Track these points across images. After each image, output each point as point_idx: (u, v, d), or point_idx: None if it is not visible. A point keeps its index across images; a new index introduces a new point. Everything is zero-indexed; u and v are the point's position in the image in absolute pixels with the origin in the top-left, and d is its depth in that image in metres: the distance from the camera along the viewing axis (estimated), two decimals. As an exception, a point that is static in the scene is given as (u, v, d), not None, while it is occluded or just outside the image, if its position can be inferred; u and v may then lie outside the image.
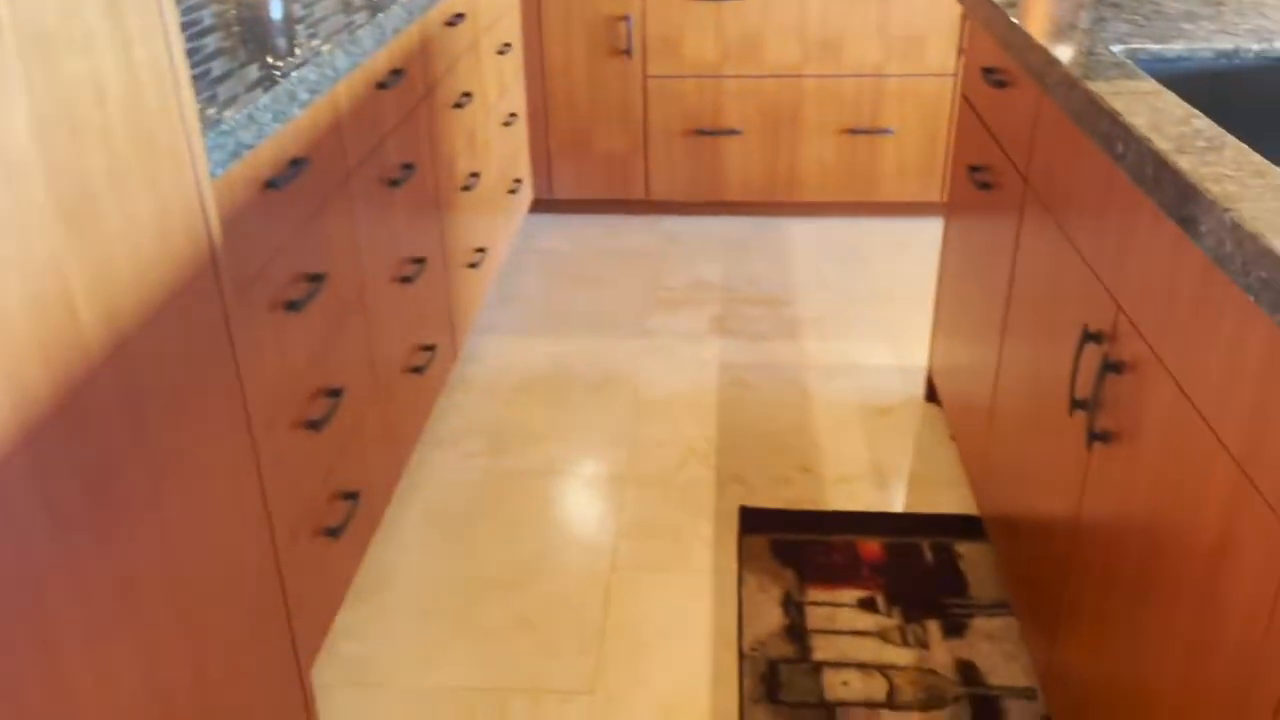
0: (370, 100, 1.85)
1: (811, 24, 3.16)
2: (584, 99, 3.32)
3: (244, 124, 1.31)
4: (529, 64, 3.28)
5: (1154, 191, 1.11)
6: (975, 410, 1.97)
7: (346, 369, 1.76)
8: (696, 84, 3.28)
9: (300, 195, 1.55)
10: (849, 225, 3.43)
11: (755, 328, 2.82)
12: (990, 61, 1.91)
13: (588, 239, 3.39)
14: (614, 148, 3.39)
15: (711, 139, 3.35)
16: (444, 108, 2.35)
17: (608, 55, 3.26)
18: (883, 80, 3.22)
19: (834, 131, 3.31)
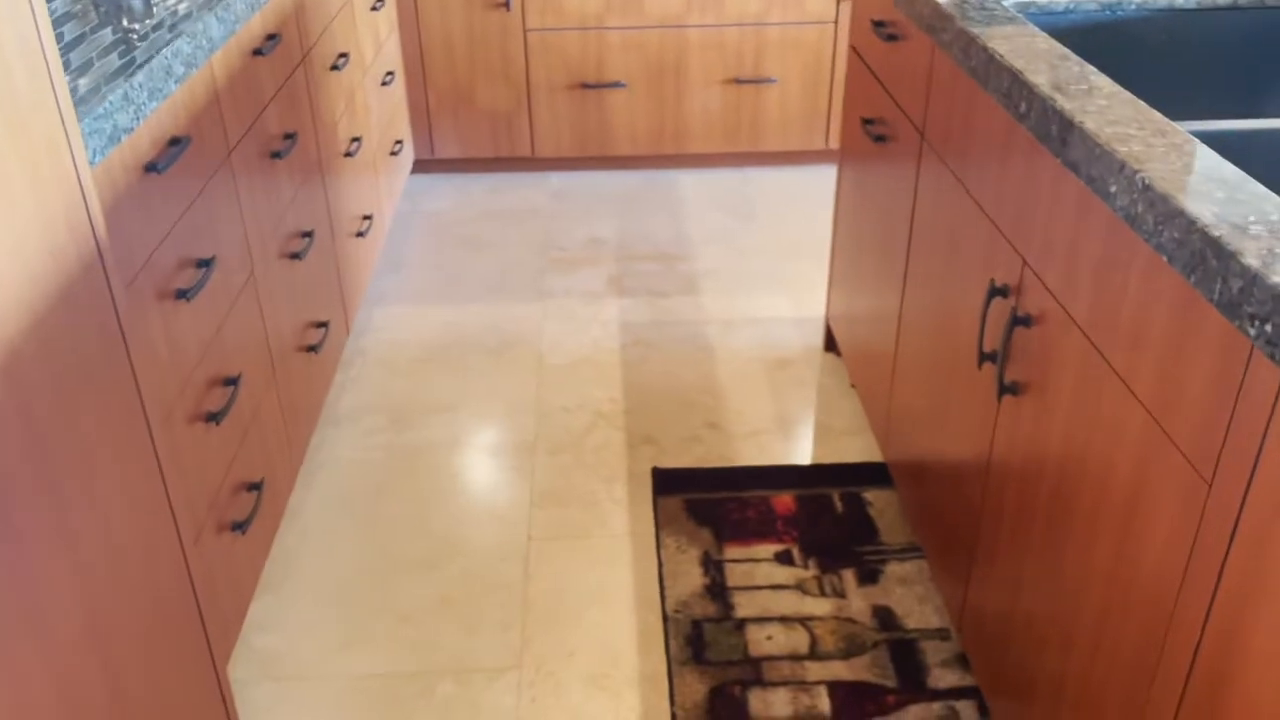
0: (247, 69, 1.75)
1: (692, -27, 3.13)
2: (463, 55, 3.22)
3: (120, 106, 1.22)
4: (403, 19, 3.16)
5: (1059, 151, 1.14)
6: (876, 359, 2.02)
7: (241, 355, 1.68)
8: (579, 36, 3.21)
9: (182, 177, 1.45)
10: (737, 176, 3.44)
11: (653, 285, 2.81)
12: (879, 15, 1.93)
13: (474, 199, 3.31)
14: (496, 104, 3.30)
15: (596, 93, 3.30)
16: (322, 71, 2.24)
17: (485, 8, 3.16)
18: (764, 29, 3.22)
19: (718, 82, 3.30)
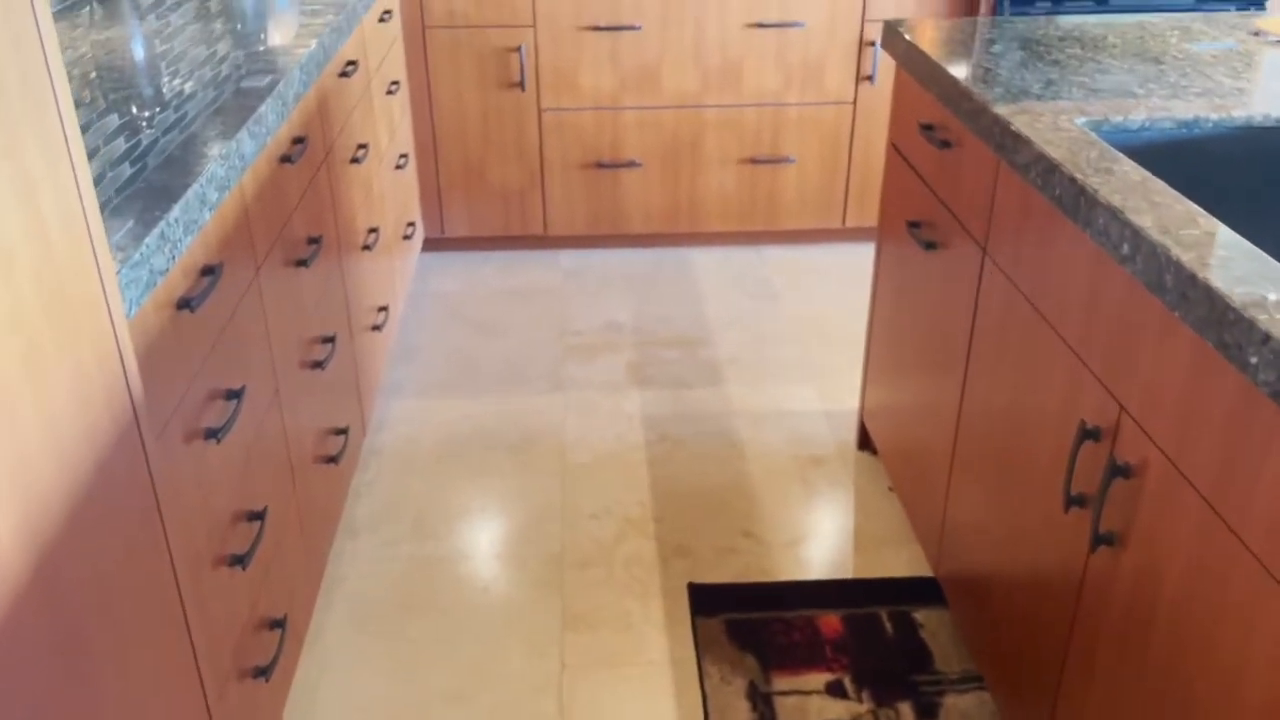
0: (275, 179, 1.66)
1: (709, 53, 3.08)
2: (476, 134, 3.15)
3: (156, 247, 1.12)
4: (416, 100, 3.09)
5: (1177, 305, 1.06)
6: (925, 465, 1.93)
7: (266, 484, 1.57)
8: (594, 116, 3.15)
9: (214, 308, 1.36)
10: (754, 254, 3.38)
11: (674, 373, 2.72)
12: (928, 117, 1.86)
13: (486, 279, 3.22)
14: (509, 183, 3.23)
15: (611, 172, 3.23)
16: (342, 165, 2.15)
17: (499, 88, 3.09)
18: (782, 109, 3.17)
19: (735, 161, 3.24)
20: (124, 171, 1.29)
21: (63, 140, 0.89)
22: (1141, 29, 1.97)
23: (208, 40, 1.92)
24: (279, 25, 2.04)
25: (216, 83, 1.66)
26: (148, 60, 1.79)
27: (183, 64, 1.76)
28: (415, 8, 2.97)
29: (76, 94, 1.65)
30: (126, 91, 1.61)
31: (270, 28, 2.02)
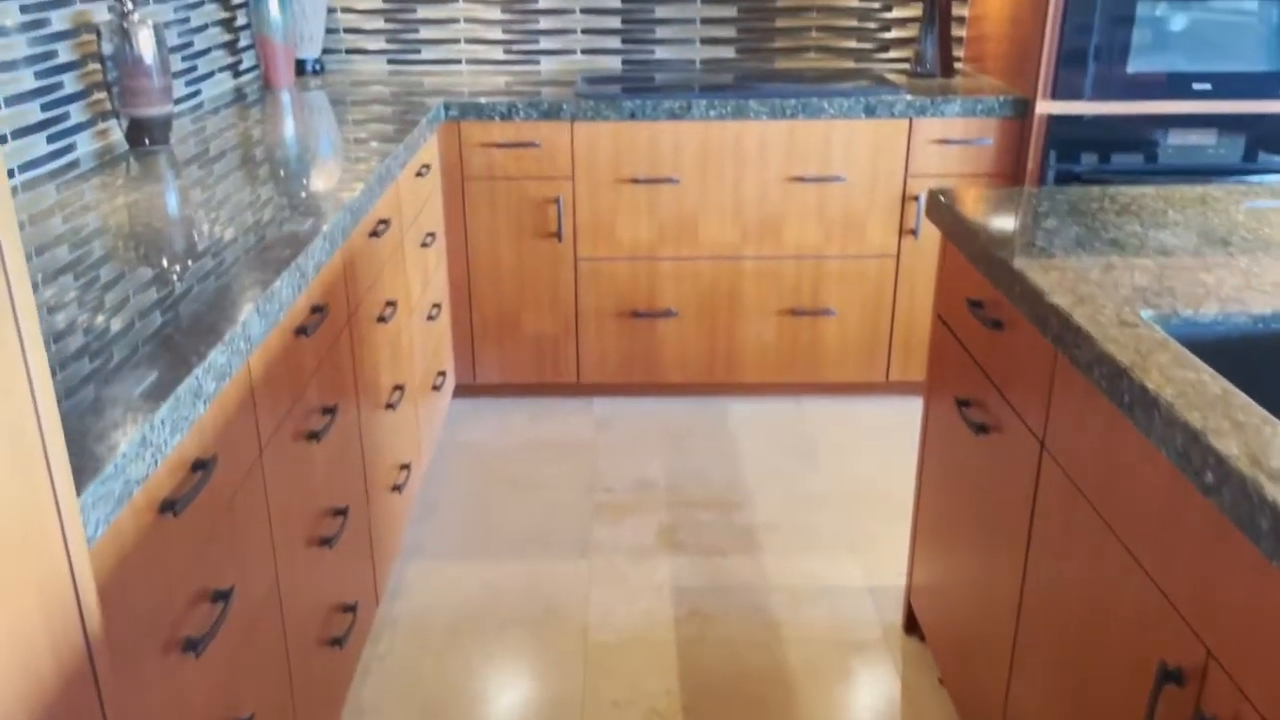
0: (288, 352, 1.59)
1: (748, 206, 3.04)
2: (511, 283, 3.11)
3: (136, 454, 1.03)
4: (452, 249, 3.07)
5: (1274, 553, 0.93)
6: (979, 660, 1.76)
7: (257, 689, 1.45)
8: (630, 265, 3.10)
9: (204, 506, 1.26)
10: (793, 406, 3.26)
11: (708, 539, 2.58)
12: (977, 294, 1.76)
13: (516, 428, 3.13)
14: (543, 331, 3.17)
15: (646, 320, 3.16)
16: (368, 325, 2.09)
17: (536, 238, 3.06)
18: (823, 261, 3.10)
19: (774, 312, 3.16)
20: (112, 349, 1.22)
21: (19, 354, 0.81)
22: (1203, 202, 1.87)
23: (235, 199, 1.89)
24: (316, 177, 2.02)
25: (231, 250, 1.61)
26: (170, 217, 1.75)
27: (205, 224, 1.72)
28: (455, 161, 2.97)
29: (106, 247, 1.61)
30: (136, 250, 1.56)
31: (307, 181, 1.99)
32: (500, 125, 2.94)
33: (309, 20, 3.25)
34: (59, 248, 1.66)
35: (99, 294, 1.43)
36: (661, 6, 3.40)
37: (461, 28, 3.42)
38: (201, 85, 2.87)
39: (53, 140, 2.13)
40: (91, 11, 2.28)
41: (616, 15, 3.41)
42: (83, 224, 1.76)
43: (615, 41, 3.44)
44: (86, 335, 1.28)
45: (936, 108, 2.92)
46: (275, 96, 2.99)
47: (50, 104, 2.12)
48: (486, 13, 3.40)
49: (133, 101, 2.24)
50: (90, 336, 1.28)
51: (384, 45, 3.44)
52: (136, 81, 2.22)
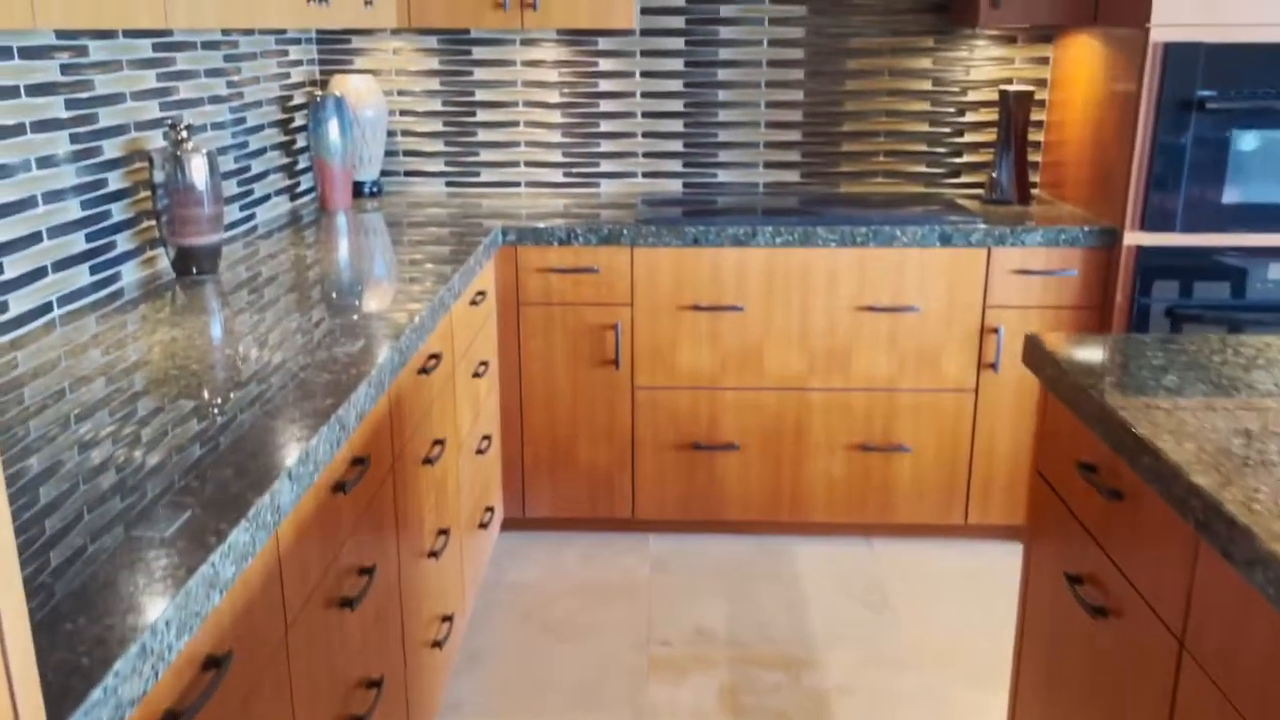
0: (323, 513, 1.44)
1: (816, 335, 2.89)
2: (565, 412, 2.97)
3: (131, 670, 0.88)
4: (505, 377, 2.94)
5: None
6: None
7: None
8: (690, 396, 2.95)
9: (213, 714, 1.10)
10: (864, 548, 3.04)
11: (775, 703, 2.35)
12: (1089, 456, 1.57)
13: (566, 567, 2.94)
14: (597, 463, 3.01)
15: (707, 454, 2.99)
16: (413, 469, 1.95)
17: (592, 366, 2.93)
18: (896, 394, 2.92)
19: (843, 447, 2.97)
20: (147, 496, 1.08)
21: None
22: (1339, 353, 1.68)
23: (279, 331, 1.78)
24: (365, 309, 1.90)
25: (269, 389, 1.49)
26: (209, 351, 1.64)
27: (244, 360, 1.61)
28: (511, 287, 2.87)
29: (146, 379, 1.49)
30: (169, 390, 1.44)
31: (355, 313, 1.88)
32: (559, 250, 2.85)
33: (369, 144, 3.22)
34: (96, 381, 1.56)
35: (120, 446, 1.30)
36: (724, 131, 3.33)
37: (522, 150, 3.37)
38: (256, 209, 2.82)
39: (96, 271, 2.06)
40: (146, 139, 2.24)
41: (678, 139, 3.34)
42: (121, 357, 1.65)
43: (677, 165, 3.37)
44: (88, 491, 1.15)
45: (1017, 237, 2.77)
46: (331, 219, 2.93)
47: (96, 234, 2.06)
48: (547, 135, 3.35)
49: (182, 230, 2.17)
50: (113, 488, 1.15)
51: (443, 167, 3.40)
52: (187, 210, 2.15)
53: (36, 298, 1.87)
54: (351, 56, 3.32)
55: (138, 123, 2.20)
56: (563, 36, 3.27)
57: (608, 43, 3.27)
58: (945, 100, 3.28)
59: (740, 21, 3.23)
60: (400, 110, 3.36)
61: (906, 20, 3.22)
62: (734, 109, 3.31)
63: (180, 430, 1.38)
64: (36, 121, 1.86)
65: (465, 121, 3.36)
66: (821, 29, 3.23)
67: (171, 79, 2.35)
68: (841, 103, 3.29)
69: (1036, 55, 3.23)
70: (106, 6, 1.46)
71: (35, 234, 1.86)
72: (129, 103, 2.17)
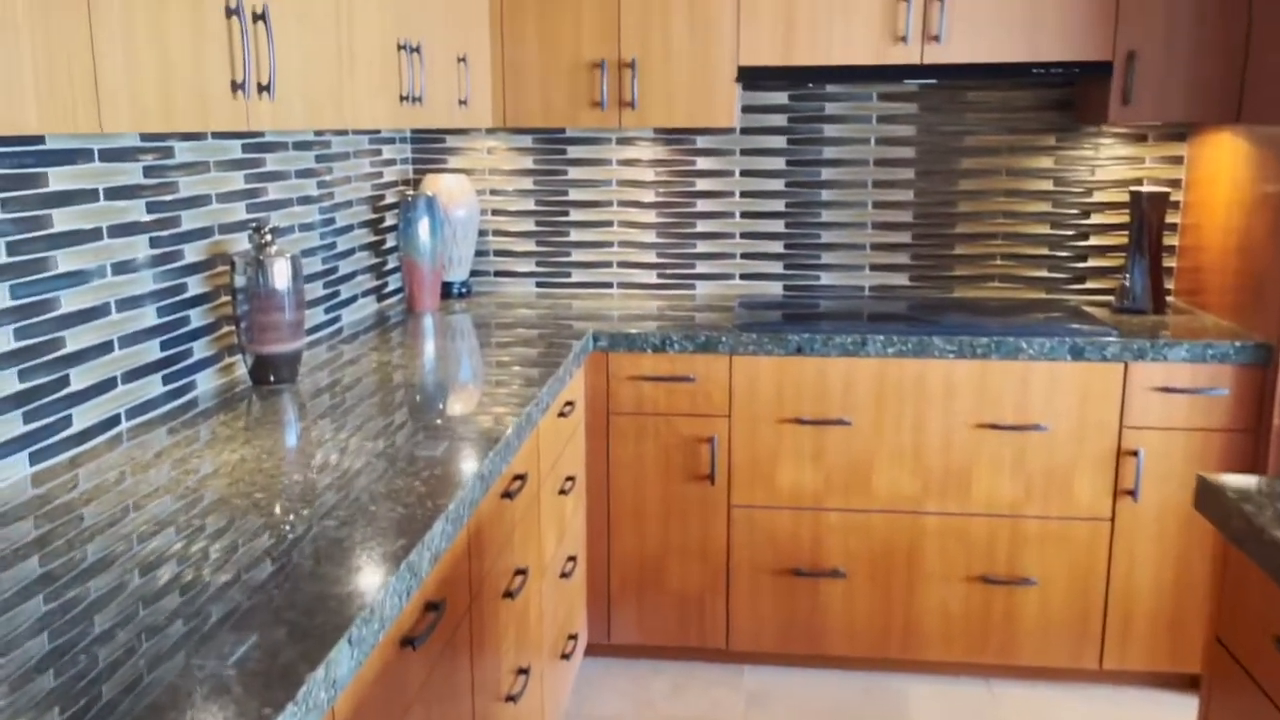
0: (389, 673, 1.26)
1: (931, 453, 2.64)
2: (655, 531, 2.76)
3: None
4: (592, 492, 2.76)
5: None
6: None
7: None
8: (792, 516, 2.72)
9: None
10: (983, 691, 2.73)
11: None
12: (1293, 629, 1.31)
13: (654, 701, 2.70)
14: (689, 586, 2.79)
15: (809, 580, 2.74)
16: (491, 604, 1.76)
17: (686, 481, 2.73)
18: (1021, 521, 2.65)
19: (961, 579, 2.69)
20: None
21: None
22: None
23: (354, 449, 1.63)
24: (447, 424, 1.75)
25: (338, 518, 1.33)
26: (277, 469, 1.50)
27: (313, 479, 1.45)
28: (601, 395, 2.71)
29: (204, 509, 1.35)
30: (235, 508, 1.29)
31: (437, 424, 1.73)
32: (652, 357, 2.68)
33: (459, 244, 3.13)
34: (161, 499, 1.42)
35: (158, 598, 1.15)
36: (828, 231, 3.15)
37: (614, 251, 3.25)
38: (342, 311, 2.73)
39: (169, 380, 1.95)
40: (230, 242, 2.16)
41: (779, 240, 3.18)
42: (184, 478, 1.52)
43: (777, 266, 3.20)
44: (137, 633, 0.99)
45: (1158, 350, 2.51)
46: (417, 321, 2.82)
47: (171, 341, 1.96)
48: (641, 235, 3.23)
49: (261, 337, 2.06)
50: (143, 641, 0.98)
51: (533, 268, 3.29)
52: (267, 316, 2.05)
53: (104, 410, 1.76)
54: (445, 156, 3.26)
55: (222, 225, 2.13)
56: (660, 135, 3.17)
57: (706, 141, 3.15)
58: (1068, 201, 3.06)
59: (846, 119, 3.09)
60: (492, 209, 3.27)
61: (1026, 118, 3.03)
62: (838, 209, 3.14)
63: (231, 575, 1.22)
64: (116, 226, 1.78)
65: (558, 221, 3.25)
66: (933, 127, 3.07)
67: (260, 180, 2.28)
68: (955, 203, 3.10)
69: (1169, 154, 3.00)
70: (181, 111, 1.36)
71: (106, 343, 1.76)
72: (214, 205, 2.09)
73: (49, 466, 1.61)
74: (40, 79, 1.09)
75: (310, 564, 1.25)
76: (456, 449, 1.70)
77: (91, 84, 1.17)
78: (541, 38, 2.83)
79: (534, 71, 2.85)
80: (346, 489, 1.51)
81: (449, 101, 2.51)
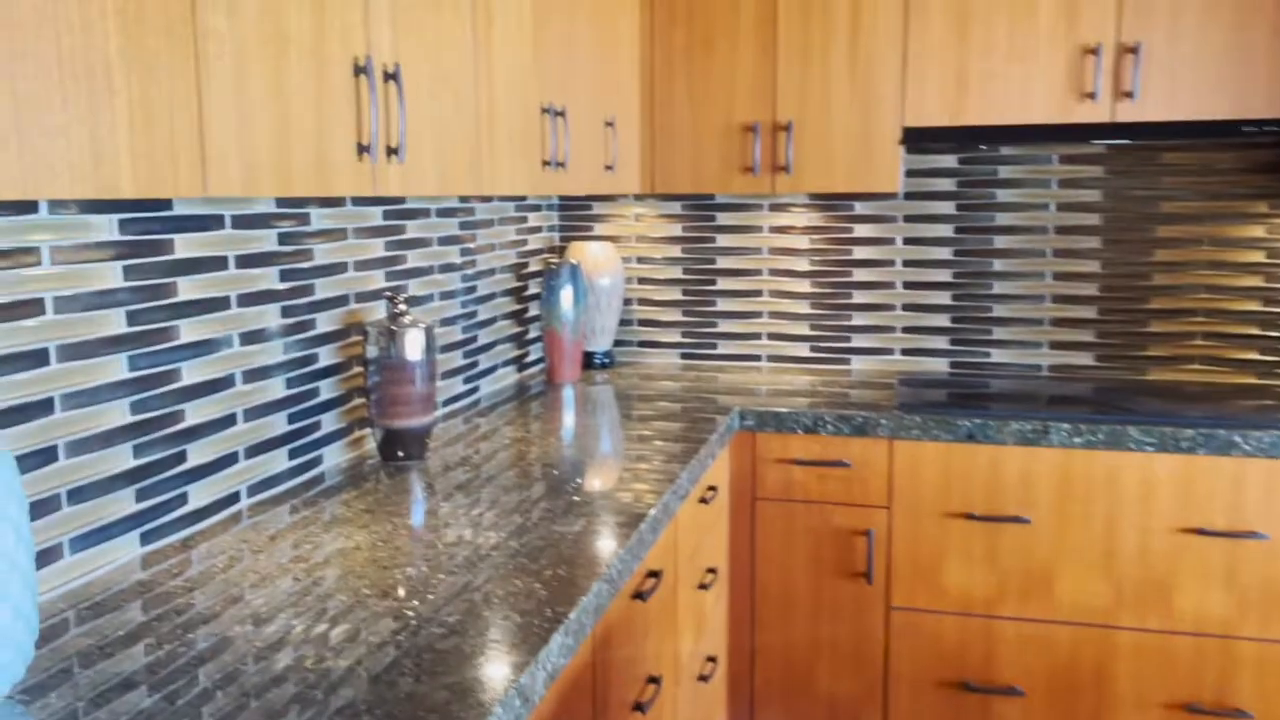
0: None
1: (1125, 560, 2.32)
2: (804, 631, 2.52)
3: None
4: (734, 585, 2.55)
5: None
6: None
7: None
8: (959, 623, 2.43)
9: None
10: (1185, 842, 2.34)
11: None
12: None
13: (799, 821, 2.43)
14: (839, 694, 2.52)
15: (980, 698, 2.43)
16: (620, 717, 1.58)
17: (839, 577, 2.49)
18: (1233, 643, 2.28)
19: (1160, 705, 2.33)
20: None
21: None
22: None
23: (478, 534, 1.49)
24: (578, 515, 1.59)
25: (450, 615, 1.17)
26: (395, 562, 1.36)
27: (431, 571, 1.31)
28: (746, 479, 2.51)
29: (332, 584, 1.23)
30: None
31: (566, 511, 1.57)
32: (803, 439, 2.46)
33: (603, 313, 3.01)
34: (282, 579, 1.32)
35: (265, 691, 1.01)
36: (1000, 305, 2.88)
37: (764, 322, 3.06)
38: (481, 382, 2.64)
39: (295, 455, 1.87)
40: (367, 311, 2.09)
41: (945, 312, 2.93)
42: (298, 559, 1.40)
43: (942, 341, 2.94)
44: None
45: None
46: (557, 393, 2.70)
47: (300, 414, 1.88)
48: (793, 307, 3.03)
49: (390, 411, 1.96)
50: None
51: (678, 338, 3.14)
52: (398, 389, 1.95)
53: (223, 487, 1.68)
54: (591, 223, 3.16)
55: (359, 294, 2.06)
56: (815, 200, 2.98)
57: (865, 207, 2.95)
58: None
59: (1023, 184, 2.83)
60: (638, 278, 3.15)
61: (1231, 182, 2.70)
62: (1013, 280, 2.87)
63: (321, 693, 1.08)
64: (246, 294, 1.72)
65: (705, 290, 3.10)
66: (1122, 191, 2.77)
67: (401, 247, 2.21)
68: (1149, 275, 2.78)
69: None
70: (299, 173, 1.27)
71: (229, 416, 1.69)
72: (350, 272, 2.03)
73: (160, 547, 1.53)
74: (137, 138, 1.00)
75: (410, 682, 1.10)
76: (590, 532, 1.53)
77: (197, 144, 1.08)
78: (693, 100, 2.71)
79: (684, 135, 2.72)
80: (462, 587, 1.36)
81: (594, 167, 2.40)
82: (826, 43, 2.60)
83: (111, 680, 1.11)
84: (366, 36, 1.42)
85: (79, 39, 0.94)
